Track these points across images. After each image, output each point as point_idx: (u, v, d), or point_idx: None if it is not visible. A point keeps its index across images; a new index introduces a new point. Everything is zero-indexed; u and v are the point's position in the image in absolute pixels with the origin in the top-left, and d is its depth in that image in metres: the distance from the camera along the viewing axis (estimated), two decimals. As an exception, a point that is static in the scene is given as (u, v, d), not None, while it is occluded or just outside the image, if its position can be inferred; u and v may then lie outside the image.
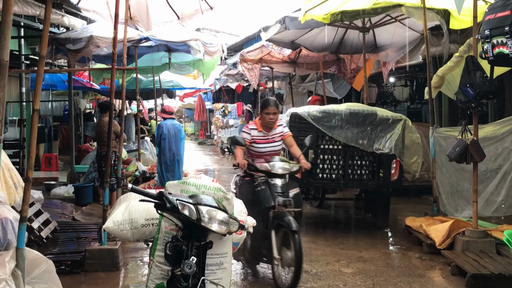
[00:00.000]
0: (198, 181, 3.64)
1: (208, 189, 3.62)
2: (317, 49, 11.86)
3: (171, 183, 3.65)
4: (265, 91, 24.96)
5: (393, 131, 8.22)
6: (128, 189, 3.26)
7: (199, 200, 3.37)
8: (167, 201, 3.27)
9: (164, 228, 3.62)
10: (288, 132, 6.78)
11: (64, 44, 10.67)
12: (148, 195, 3.31)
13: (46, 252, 6.97)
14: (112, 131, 9.49)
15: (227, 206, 3.60)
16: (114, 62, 6.94)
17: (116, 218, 3.99)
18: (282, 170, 6.07)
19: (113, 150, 9.51)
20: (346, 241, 8.01)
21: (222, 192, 3.65)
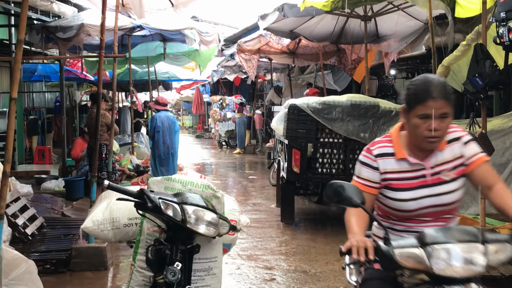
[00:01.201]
0: (185, 178, 3.27)
1: (195, 186, 3.26)
2: (316, 38, 11.45)
3: (154, 180, 3.29)
4: (264, 83, 24.57)
5: (396, 123, 7.82)
6: (105, 186, 2.89)
7: (184, 199, 2.99)
8: (148, 199, 2.90)
9: (146, 229, 3.25)
10: (481, 153, 2.84)
11: (54, 32, 10.27)
12: (127, 192, 2.94)
13: (31, 250, 6.64)
14: (104, 123, 9.20)
15: (216, 205, 3.23)
16: (102, 50, 6.56)
17: (96, 217, 3.63)
18: (465, 266, 2.39)
19: (104, 143, 9.17)
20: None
21: (211, 189, 3.29)
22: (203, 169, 16.71)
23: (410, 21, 10.34)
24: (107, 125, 9.26)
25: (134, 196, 2.94)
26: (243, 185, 13.07)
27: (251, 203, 10.43)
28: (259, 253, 6.95)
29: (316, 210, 9.88)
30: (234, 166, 17.26)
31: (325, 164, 7.94)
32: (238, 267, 6.38)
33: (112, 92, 8.72)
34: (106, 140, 9.20)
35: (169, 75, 18.60)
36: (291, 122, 7.89)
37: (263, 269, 6.33)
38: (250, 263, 6.54)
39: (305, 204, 10.21)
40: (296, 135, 7.89)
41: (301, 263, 6.52)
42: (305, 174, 7.90)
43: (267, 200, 10.62)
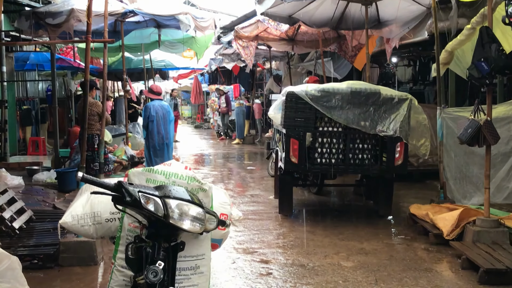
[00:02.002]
0: (168, 169, 2.98)
1: (179, 178, 2.97)
2: (316, 24, 11.13)
3: (134, 171, 3.00)
4: (263, 72, 24.25)
5: (398, 111, 7.55)
6: (78, 178, 2.61)
7: (167, 192, 2.71)
8: (126, 193, 2.61)
9: (127, 225, 2.98)
10: None
11: (43, 18, 9.95)
12: (103, 185, 2.66)
13: (19, 244, 6.38)
14: (95, 112, 8.92)
15: (203, 198, 2.95)
16: (89, 34, 6.25)
17: (76, 212, 3.35)
18: None
19: (96, 133, 8.89)
20: (346, 230, 7.39)
21: (197, 182, 3.00)
22: (201, 160, 16.43)
23: (412, 5, 10.02)
24: (98, 114, 8.96)
25: (111, 189, 2.66)
26: (242, 176, 12.80)
27: (249, 195, 10.16)
28: (255, 246, 6.69)
29: (315, 201, 9.61)
30: (233, 156, 16.97)
31: (324, 154, 7.66)
32: (234, 261, 6.11)
33: (103, 80, 8.44)
34: (98, 130, 8.92)
35: (166, 64, 18.29)
36: (289, 111, 7.60)
37: (259, 263, 6.06)
38: (246, 257, 6.28)
39: (304, 195, 9.93)
40: (294, 124, 7.60)
41: (298, 256, 6.25)
42: (304, 164, 7.61)
43: (266, 192, 10.35)
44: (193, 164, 14.75)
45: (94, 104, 8.85)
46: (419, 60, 17.38)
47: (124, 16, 10.97)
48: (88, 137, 8.77)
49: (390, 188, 8.14)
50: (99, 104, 9.07)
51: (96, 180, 2.67)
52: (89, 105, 8.73)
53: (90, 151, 8.88)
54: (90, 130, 8.81)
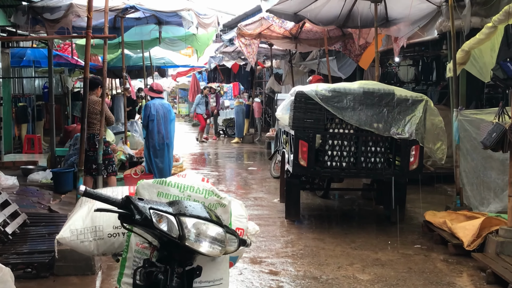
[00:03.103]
0: (182, 181, 2.59)
1: (196, 191, 2.58)
2: (322, 22, 10.75)
3: (144, 183, 2.61)
4: (263, 70, 23.86)
5: (413, 113, 7.17)
6: (80, 192, 2.22)
7: (182, 208, 2.32)
8: (135, 210, 2.23)
9: (135, 245, 2.59)
10: None
11: (41, 13, 9.51)
12: (108, 201, 2.27)
13: (11, 251, 5.98)
14: (98, 111, 8.48)
15: (222, 215, 2.57)
16: (90, 29, 5.85)
17: (75, 226, 2.97)
18: None
19: (98, 133, 8.47)
20: (357, 238, 7.00)
21: (215, 196, 2.61)
22: (200, 159, 16.04)
23: (422, 3, 9.65)
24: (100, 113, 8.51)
25: (118, 206, 2.27)
26: (243, 177, 12.41)
27: (252, 197, 9.77)
28: (263, 255, 6.30)
29: (321, 205, 9.24)
30: (233, 156, 16.59)
31: (334, 157, 7.28)
32: (241, 272, 5.73)
33: (103, 77, 8.04)
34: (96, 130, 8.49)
35: (165, 61, 17.86)
36: (298, 111, 7.22)
37: (268, 274, 5.68)
38: (254, 267, 5.90)
39: (309, 198, 9.56)
40: (303, 125, 7.21)
41: (310, 267, 5.87)
42: (313, 167, 7.24)
43: (269, 194, 9.97)
44: (192, 164, 14.36)
45: (98, 102, 8.42)
46: (422, 60, 17.06)
47: (125, 12, 10.54)
48: (89, 136, 8.38)
49: (403, 193, 7.78)
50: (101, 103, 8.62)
51: (100, 195, 2.28)
52: (92, 103, 8.38)
53: (91, 151, 8.48)
54: (92, 130, 8.38)
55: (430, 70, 17.20)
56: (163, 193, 2.55)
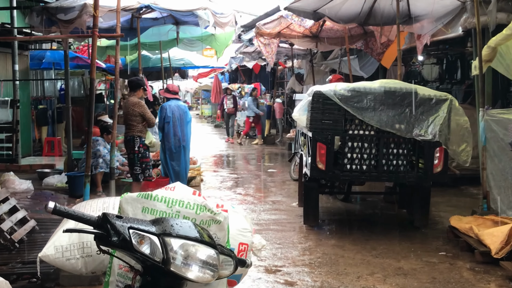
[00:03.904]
0: (170, 194, 2.32)
1: (186, 207, 2.31)
2: (343, 20, 10.42)
3: (127, 197, 2.34)
4: (284, 70, 23.54)
5: (437, 113, 6.81)
6: (49, 210, 1.97)
7: (168, 227, 2.05)
8: (112, 230, 1.97)
9: (118, 267, 2.33)
10: None
11: (55, 14, 9.40)
12: (81, 219, 2.01)
13: (17, 259, 5.79)
14: (137, 112, 8.45)
15: (217, 232, 2.29)
16: (96, 28, 5.64)
17: (60, 242, 2.76)
18: None
19: (138, 135, 8.46)
20: (379, 245, 6.66)
21: (208, 211, 2.33)
22: (219, 161, 15.80)
23: (445, 0, 9.27)
24: (141, 115, 8.44)
25: (93, 225, 2.01)
26: (262, 179, 12.13)
27: (270, 201, 9.48)
28: (279, 264, 6.01)
29: (342, 209, 8.90)
30: (253, 158, 16.31)
31: (354, 159, 6.95)
32: (254, 283, 5.44)
33: (115, 78, 7.85)
34: (140, 132, 8.49)
35: (185, 62, 17.70)
36: (315, 112, 6.91)
37: (284, 285, 5.39)
38: (269, 277, 5.61)
39: (329, 202, 9.23)
40: (321, 126, 6.90)
41: (328, 277, 5.56)
42: (332, 171, 6.92)
43: (288, 198, 9.67)
44: (211, 166, 14.13)
45: (137, 104, 8.40)
46: (448, 58, 16.59)
47: (141, 12, 10.36)
48: (129, 139, 8.42)
49: (427, 197, 7.41)
50: (142, 103, 8.59)
51: (72, 212, 2.02)
52: (132, 105, 8.38)
53: (132, 153, 8.48)
54: (131, 132, 8.43)
55: (454, 69, 16.77)
56: (149, 208, 2.28)
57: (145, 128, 8.58)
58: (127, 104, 8.57)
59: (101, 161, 9.50)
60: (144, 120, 8.44)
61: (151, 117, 8.51)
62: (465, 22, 9.84)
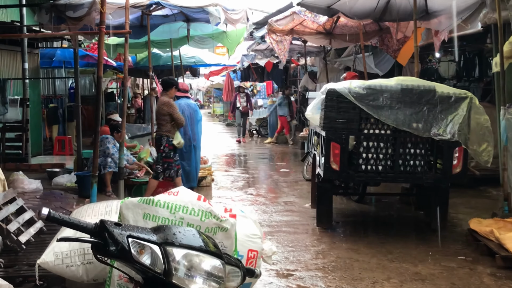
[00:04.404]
0: (174, 200, 2.13)
1: (190, 213, 2.12)
2: (357, 15, 10.16)
3: (128, 203, 2.16)
4: (297, 68, 23.30)
5: (456, 112, 6.56)
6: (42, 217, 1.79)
7: (170, 236, 1.86)
8: (110, 239, 1.78)
9: (117, 278, 2.14)
10: None
11: (64, 11, 9.24)
12: (77, 226, 1.83)
13: (23, 262, 5.64)
14: (166, 112, 8.45)
15: (223, 240, 2.11)
16: (103, 25, 5.47)
17: (60, 248, 2.58)
18: None
19: (166, 134, 8.47)
20: (395, 249, 6.43)
21: (214, 218, 2.14)
22: (231, 161, 15.61)
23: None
24: (169, 114, 8.45)
25: (89, 233, 1.83)
26: (274, 179, 11.93)
27: (282, 202, 9.28)
28: (291, 268, 5.80)
29: (356, 211, 8.68)
30: (265, 157, 16.10)
31: (369, 160, 6.72)
32: (265, 287, 5.24)
33: (124, 77, 7.69)
34: (168, 132, 8.49)
35: (196, 60, 17.48)
36: (329, 111, 6.69)
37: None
38: (280, 282, 5.40)
39: (343, 202, 9.00)
40: (335, 125, 6.68)
41: (342, 282, 5.34)
42: (346, 172, 6.70)
43: (301, 198, 9.46)
44: (222, 166, 13.95)
45: (166, 103, 8.41)
46: (464, 55, 16.28)
47: (150, 9, 10.20)
48: (157, 137, 8.51)
49: (445, 198, 7.17)
50: (172, 103, 8.56)
51: (67, 219, 1.84)
52: (161, 104, 8.44)
53: (160, 153, 8.56)
54: (160, 131, 8.51)
55: (472, 66, 16.44)
56: (150, 215, 2.09)
57: (174, 128, 8.55)
58: (158, 103, 8.66)
59: (110, 160, 9.34)
60: (173, 120, 8.43)
61: (179, 117, 8.50)
62: (484, 18, 9.56)
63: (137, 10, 9.90)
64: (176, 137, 8.64)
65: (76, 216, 2.64)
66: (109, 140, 9.63)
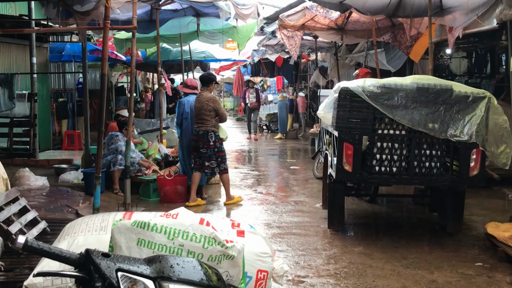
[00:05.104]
0: (172, 224, 1.92)
1: (191, 239, 1.91)
2: (370, 11, 9.90)
3: (120, 226, 1.95)
4: (308, 64, 23.03)
5: (473, 112, 6.31)
6: (18, 247, 1.59)
7: (166, 268, 1.66)
8: (96, 273, 1.58)
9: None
10: None
11: (72, 5, 9.08)
12: (59, 257, 1.63)
13: (24, 265, 5.47)
14: (212, 107, 8.50)
15: (230, 269, 1.90)
16: (108, 20, 5.27)
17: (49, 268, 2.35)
18: None
19: (211, 129, 8.55)
20: (409, 254, 6.21)
21: (219, 244, 1.94)
22: (241, 157, 15.42)
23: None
24: (215, 110, 8.55)
25: (73, 264, 1.63)
26: (284, 177, 11.72)
27: (292, 201, 9.07)
28: (302, 274, 5.59)
29: (368, 212, 8.46)
30: (275, 154, 15.88)
31: (384, 161, 6.49)
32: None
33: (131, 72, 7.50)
34: (213, 127, 8.57)
35: (206, 55, 17.27)
36: (342, 110, 6.46)
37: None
38: (291, 289, 5.21)
39: (355, 203, 8.78)
40: (348, 125, 6.45)
41: (356, 289, 5.14)
42: (359, 173, 6.47)
43: (311, 198, 9.25)
44: (232, 162, 13.74)
45: (212, 99, 8.52)
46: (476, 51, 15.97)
47: (160, 3, 10.01)
48: (203, 133, 8.51)
49: (461, 201, 6.93)
50: (217, 99, 8.74)
51: (46, 249, 1.65)
52: (206, 100, 8.49)
53: (205, 148, 8.57)
54: (204, 126, 8.53)
55: (484, 62, 16.16)
56: (146, 241, 1.88)
57: (217, 123, 8.65)
58: (200, 99, 8.60)
59: (120, 157, 9.18)
60: (217, 115, 8.54)
61: (224, 113, 8.73)
62: (500, 14, 9.25)
63: (146, 4, 9.70)
64: (222, 131, 8.83)
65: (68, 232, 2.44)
66: (119, 138, 9.48)
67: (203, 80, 8.92)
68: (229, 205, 8.76)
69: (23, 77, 12.31)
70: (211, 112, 8.48)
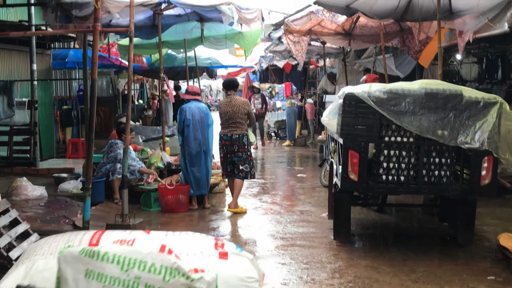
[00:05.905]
0: (127, 252, 1.66)
1: (149, 270, 1.67)
2: (378, 15, 9.62)
3: (67, 255, 1.72)
4: (316, 70, 22.78)
5: (485, 118, 6.00)
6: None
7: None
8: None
9: None
10: None
11: (69, 10, 8.91)
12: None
13: None
14: (247, 111, 8.61)
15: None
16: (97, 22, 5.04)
17: None
18: None
19: (245, 133, 8.63)
20: (418, 267, 5.90)
21: (183, 276, 1.66)
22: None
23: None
24: (248, 113, 8.66)
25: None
26: (291, 185, 11.44)
27: (297, 211, 8.78)
28: (304, 289, 5.31)
29: (376, 221, 8.15)
30: (282, 161, 15.59)
31: (391, 169, 6.19)
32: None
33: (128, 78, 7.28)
34: (246, 131, 8.70)
35: (212, 61, 17.07)
36: (347, 116, 6.17)
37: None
38: (292, 306, 4.92)
39: (362, 212, 8.48)
40: (353, 132, 6.16)
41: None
42: (365, 182, 6.18)
43: (317, 207, 8.96)
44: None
45: (246, 103, 8.68)
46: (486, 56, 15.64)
47: (161, 8, 9.80)
48: (238, 137, 8.53)
49: (472, 211, 6.61)
50: (249, 103, 8.82)
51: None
52: (242, 103, 8.58)
53: (240, 152, 8.61)
54: (239, 130, 8.57)
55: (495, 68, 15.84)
56: (95, 272, 1.63)
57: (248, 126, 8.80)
58: (234, 103, 8.59)
59: (119, 166, 8.95)
60: (249, 118, 8.71)
61: (253, 116, 8.83)
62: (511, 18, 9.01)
63: (146, 9, 9.50)
64: (251, 135, 9.01)
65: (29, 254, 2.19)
66: (118, 146, 9.27)
67: (230, 85, 8.89)
68: (233, 215, 8.50)
69: (23, 84, 12.14)
70: (245, 115, 8.60)
